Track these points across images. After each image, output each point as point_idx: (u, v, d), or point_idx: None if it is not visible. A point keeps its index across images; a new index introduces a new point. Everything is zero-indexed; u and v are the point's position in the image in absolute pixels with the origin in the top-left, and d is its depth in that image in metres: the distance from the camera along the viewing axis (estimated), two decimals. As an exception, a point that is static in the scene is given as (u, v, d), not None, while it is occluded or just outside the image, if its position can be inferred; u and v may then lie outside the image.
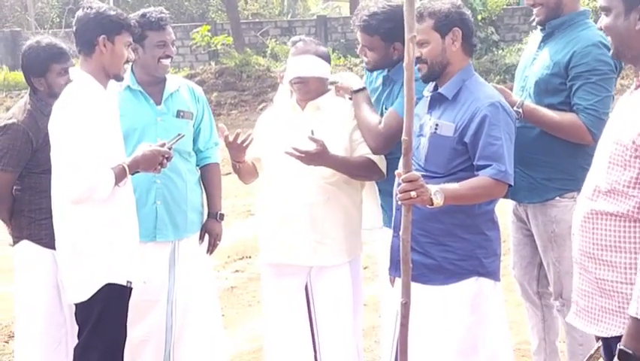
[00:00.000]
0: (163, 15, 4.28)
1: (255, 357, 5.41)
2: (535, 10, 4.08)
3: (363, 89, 4.04)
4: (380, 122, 3.89)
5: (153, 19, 4.24)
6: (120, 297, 3.82)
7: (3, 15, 30.61)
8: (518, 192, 4.05)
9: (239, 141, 3.99)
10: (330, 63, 4.14)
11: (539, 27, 4.16)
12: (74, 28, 3.79)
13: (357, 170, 3.97)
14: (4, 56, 25.35)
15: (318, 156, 3.83)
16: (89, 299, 3.75)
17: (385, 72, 4.08)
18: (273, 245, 4.10)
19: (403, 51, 4.00)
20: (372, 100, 4.06)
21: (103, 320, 3.77)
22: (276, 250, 4.09)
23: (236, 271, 7.46)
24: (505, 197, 4.10)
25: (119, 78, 3.89)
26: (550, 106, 3.94)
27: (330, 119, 4.04)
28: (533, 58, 4.13)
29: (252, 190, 9.87)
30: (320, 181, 3.98)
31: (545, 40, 4.10)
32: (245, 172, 4.19)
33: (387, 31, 3.91)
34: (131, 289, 3.87)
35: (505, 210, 4.27)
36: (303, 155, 3.81)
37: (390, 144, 3.85)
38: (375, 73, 4.15)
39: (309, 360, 4.09)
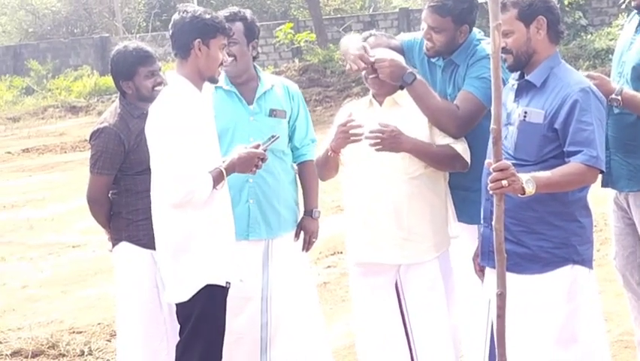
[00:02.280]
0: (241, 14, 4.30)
1: (351, 352, 5.40)
2: None
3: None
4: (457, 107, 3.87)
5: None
6: (219, 297, 3.88)
7: (92, 22, 31.36)
8: (619, 181, 4.00)
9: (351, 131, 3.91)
10: (404, 56, 4.10)
11: (635, 10, 4.08)
12: (170, 31, 3.84)
13: (439, 157, 3.91)
14: (94, 62, 25.97)
15: (395, 139, 3.80)
16: (189, 300, 3.81)
17: (440, 59, 4.09)
18: (360, 244, 4.08)
19: (467, 34, 4.04)
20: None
21: (203, 319, 3.83)
22: (363, 250, 4.07)
23: (329, 266, 7.49)
24: (605, 185, 4.04)
25: (213, 80, 3.93)
26: None
27: (408, 113, 3.98)
28: (630, 42, 4.06)
29: (340, 186, 9.88)
30: (403, 177, 3.94)
31: None
32: (333, 164, 4.12)
33: (460, 12, 3.92)
34: (228, 288, 3.93)
35: (598, 198, 4.19)
36: (378, 140, 3.78)
37: (470, 126, 3.86)
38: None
39: (404, 359, 4.08)
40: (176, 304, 3.91)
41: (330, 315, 6.01)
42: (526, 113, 3.50)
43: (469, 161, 3.95)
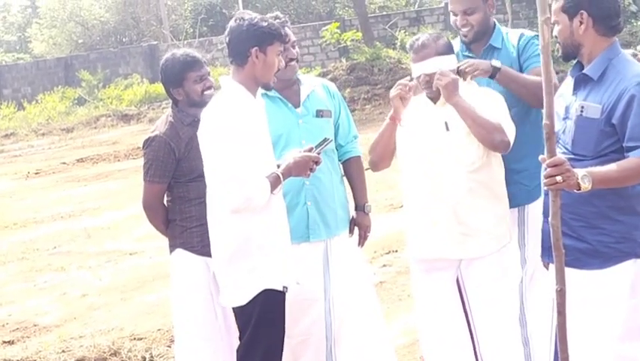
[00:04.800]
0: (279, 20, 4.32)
1: (410, 351, 5.41)
2: None
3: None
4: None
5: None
6: (277, 301, 3.89)
7: (140, 30, 31.74)
8: None
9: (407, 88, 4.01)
10: (453, 52, 4.09)
11: None
12: (227, 39, 3.85)
13: (480, 122, 3.87)
14: (144, 70, 26.29)
15: (451, 86, 3.88)
16: (247, 304, 3.83)
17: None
18: (420, 240, 4.08)
19: (494, 7, 4.09)
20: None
21: (262, 324, 3.85)
22: (423, 246, 4.07)
23: (384, 265, 7.49)
24: None
25: (268, 87, 3.95)
26: None
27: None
28: None
29: (393, 184, 9.93)
30: (461, 170, 3.94)
31: None
32: (390, 141, 4.13)
33: None
34: (286, 292, 3.95)
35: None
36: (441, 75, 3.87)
37: None
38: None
39: (469, 355, 4.06)
40: (234, 309, 3.94)
41: (387, 314, 5.99)
42: (583, 107, 3.46)
43: (511, 141, 3.93)
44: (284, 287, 3.90)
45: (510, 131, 3.92)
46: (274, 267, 3.86)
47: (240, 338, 3.97)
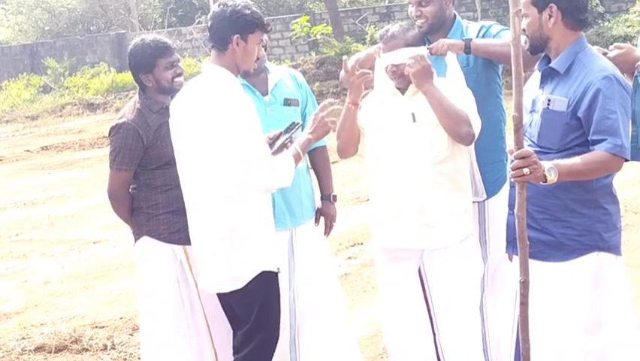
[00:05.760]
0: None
1: (373, 342, 5.43)
2: None
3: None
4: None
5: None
6: (274, 283, 3.87)
7: (108, 19, 31.49)
8: None
9: (357, 72, 4.00)
10: (424, 44, 4.10)
11: None
12: (209, 23, 3.84)
13: (449, 112, 3.86)
14: (111, 59, 26.10)
15: (425, 71, 3.86)
16: (249, 289, 3.79)
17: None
18: (384, 230, 4.09)
19: (452, 1, 4.20)
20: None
21: (266, 307, 3.83)
22: (387, 235, 4.08)
23: (349, 258, 7.49)
24: (634, 158, 4.04)
25: (247, 74, 3.95)
26: None
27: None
28: None
29: (359, 177, 9.96)
30: (426, 162, 3.94)
31: None
32: (354, 124, 4.14)
33: None
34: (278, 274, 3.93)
35: (623, 184, 4.18)
36: (413, 61, 3.85)
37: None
38: None
39: (428, 344, 4.08)
40: (234, 295, 3.84)
41: (351, 305, 6.01)
42: (549, 100, 3.48)
43: (476, 134, 3.94)
44: (277, 268, 3.90)
45: (476, 125, 3.94)
46: (269, 248, 3.85)
47: (236, 325, 3.93)
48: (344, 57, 4.02)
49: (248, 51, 3.81)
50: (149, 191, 4.28)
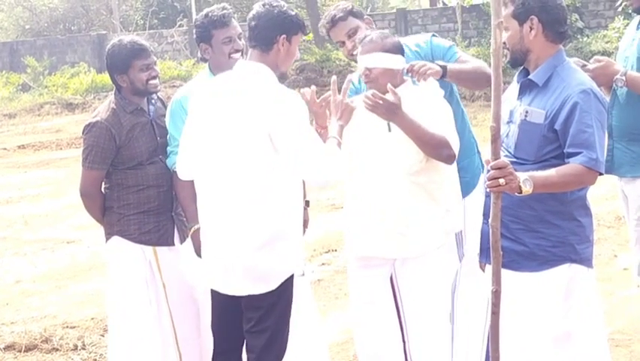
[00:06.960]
0: (225, 12, 4.27)
1: (344, 348, 5.43)
2: None
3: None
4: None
5: (216, 17, 4.24)
6: (292, 287, 3.82)
7: (89, 19, 31.36)
8: (621, 167, 4.29)
9: (317, 100, 3.92)
10: (403, 53, 4.05)
11: (636, 14, 4.38)
12: (252, 23, 3.75)
13: (428, 140, 3.84)
14: (91, 59, 25.98)
15: (395, 108, 3.79)
16: (271, 292, 3.72)
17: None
18: (358, 238, 4.09)
19: (372, 22, 4.42)
20: None
21: (288, 308, 3.81)
22: (361, 243, 4.08)
23: (323, 264, 7.50)
24: (608, 172, 4.19)
25: (284, 76, 3.89)
26: None
27: (406, 111, 3.91)
28: (632, 39, 4.29)
29: (335, 184, 9.92)
30: (400, 172, 3.95)
31: None
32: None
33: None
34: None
35: (596, 198, 4.24)
36: (380, 101, 3.79)
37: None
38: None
39: (398, 352, 4.08)
40: (252, 296, 3.74)
41: (323, 312, 6.02)
42: (527, 112, 3.50)
43: (456, 154, 3.94)
44: (303, 272, 3.90)
45: (455, 144, 3.93)
46: (298, 251, 3.82)
47: (250, 325, 3.82)
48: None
49: (290, 52, 3.82)
50: (120, 191, 4.28)
